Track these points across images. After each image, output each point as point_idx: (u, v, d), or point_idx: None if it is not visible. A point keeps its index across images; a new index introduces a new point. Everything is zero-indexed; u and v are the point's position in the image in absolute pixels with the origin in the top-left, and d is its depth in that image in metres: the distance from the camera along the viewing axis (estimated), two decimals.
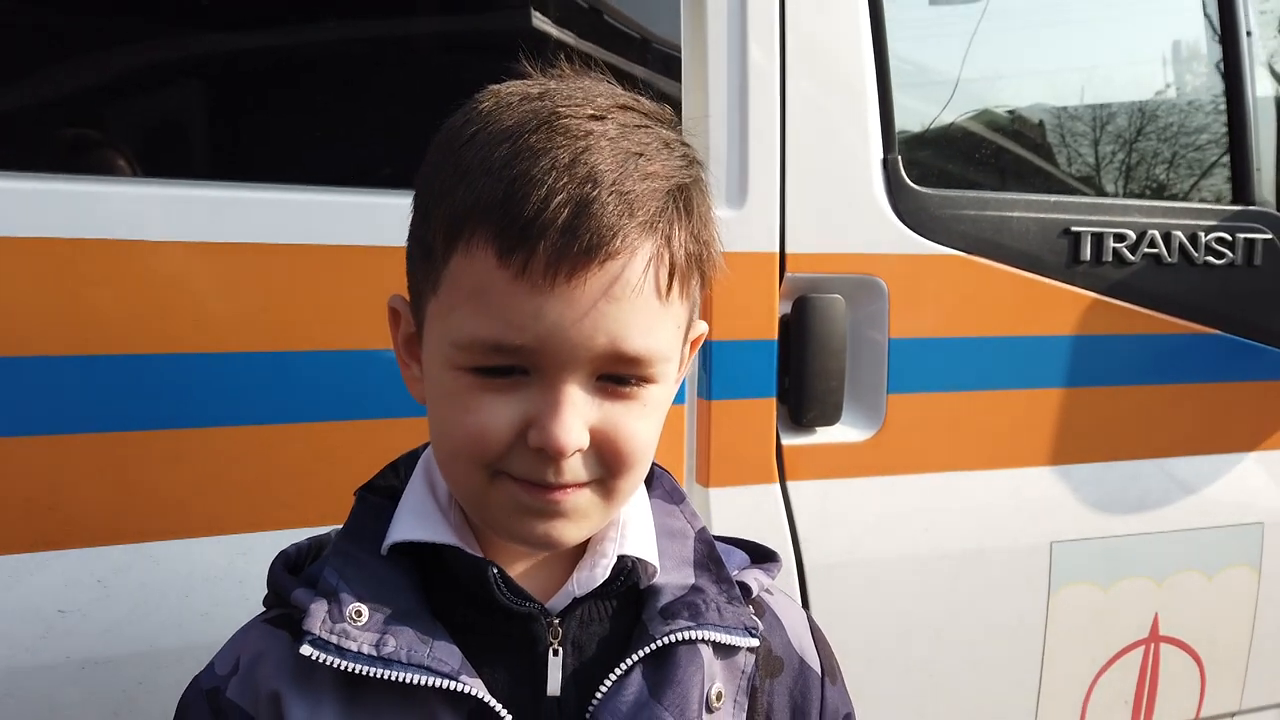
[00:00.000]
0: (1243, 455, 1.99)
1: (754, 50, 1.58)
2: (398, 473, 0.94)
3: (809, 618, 1.02)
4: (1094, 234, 1.81)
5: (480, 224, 0.75)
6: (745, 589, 0.93)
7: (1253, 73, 2.01)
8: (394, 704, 0.81)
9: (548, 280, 0.74)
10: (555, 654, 0.85)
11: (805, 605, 1.61)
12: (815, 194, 1.62)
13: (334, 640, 0.80)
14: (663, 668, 0.86)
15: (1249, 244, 1.93)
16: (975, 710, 1.78)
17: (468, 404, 0.78)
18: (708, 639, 0.87)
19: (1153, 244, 1.85)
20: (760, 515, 1.60)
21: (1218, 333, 1.92)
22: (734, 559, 0.97)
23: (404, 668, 0.79)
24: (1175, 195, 2.16)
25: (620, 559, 0.87)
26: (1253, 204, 1.98)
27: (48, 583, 1.22)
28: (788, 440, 1.64)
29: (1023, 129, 2.12)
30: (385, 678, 0.79)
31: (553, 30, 1.50)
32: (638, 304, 0.76)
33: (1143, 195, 2.16)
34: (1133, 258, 1.84)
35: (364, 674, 0.79)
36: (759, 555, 1.00)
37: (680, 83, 1.56)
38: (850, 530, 1.66)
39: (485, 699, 0.80)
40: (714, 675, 0.88)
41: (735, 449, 1.60)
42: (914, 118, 1.90)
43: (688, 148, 0.83)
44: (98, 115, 1.33)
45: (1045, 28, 2.13)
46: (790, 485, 1.63)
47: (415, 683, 0.79)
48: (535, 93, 0.80)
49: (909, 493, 1.71)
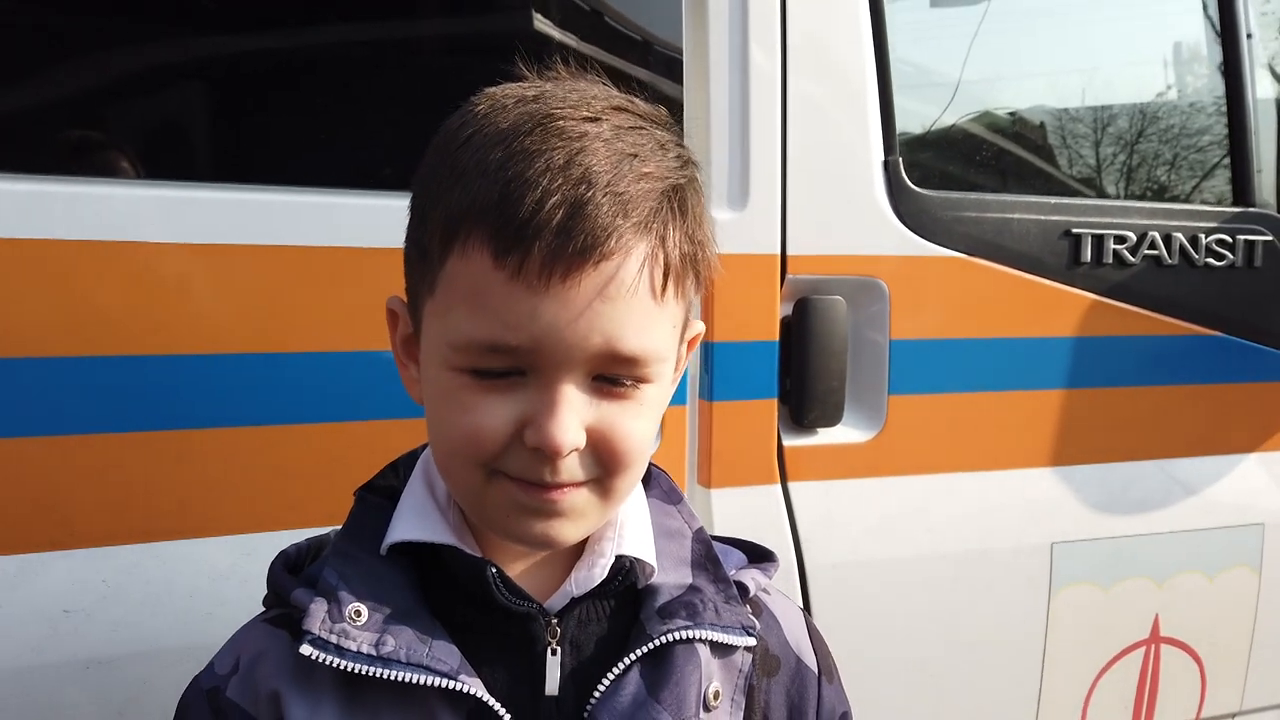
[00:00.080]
0: (1243, 456, 1.99)
1: (755, 52, 1.58)
2: (397, 473, 0.94)
3: (806, 617, 1.02)
4: (1094, 236, 1.81)
5: (476, 225, 0.75)
6: (742, 589, 0.93)
7: (1253, 75, 2.01)
8: (393, 703, 0.81)
9: (543, 281, 0.74)
10: (553, 653, 0.85)
11: (807, 606, 1.61)
12: (816, 196, 1.62)
13: (334, 640, 0.80)
14: (660, 667, 0.86)
15: (1249, 246, 1.93)
16: (976, 711, 1.78)
17: (465, 404, 0.79)
18: (705, 638, 0.87)
19: (1153, 246, 1.85)
20: (761, 516, 1.60)
21: (1218, 334, 1.92)
22: (731, 559, 0.97)
23: (403, 667, 0.80)
24: (1176, 197, 2.17)
25: (618, 559, 0.88)
26: (1253, 206, 1.98)
27: (53, 583, 1.23)
28: (789, 441, 1.65)
29: (1023, 131, 2.13)
30: (385, 677, 0.79)
31: (554, 32, 1.50)
32: (633, 304, 0.77)
33: (1143, 197, 2.16)
34: (1133, 259, 1.84)
35: (363, 673, 0.79)
36: (756, 555, 1.00)
37: (682, 85, 1.56)
38: (851, 531, 1.67)
39: (484, 698, 0.81)
40: (711, 674, 0.88)
41: (737, 450, 1.60)
42: (915, 120, 1.90)
43: (683, 149, 0.83)
44: (99, 117, 1.33)
45: (1046, 30, 2.14)
46: (791, 486, 1.64)
47: (414, 682, 0.79)
48: (531, 95, 0.80)
49: (910, 494, 1.71)
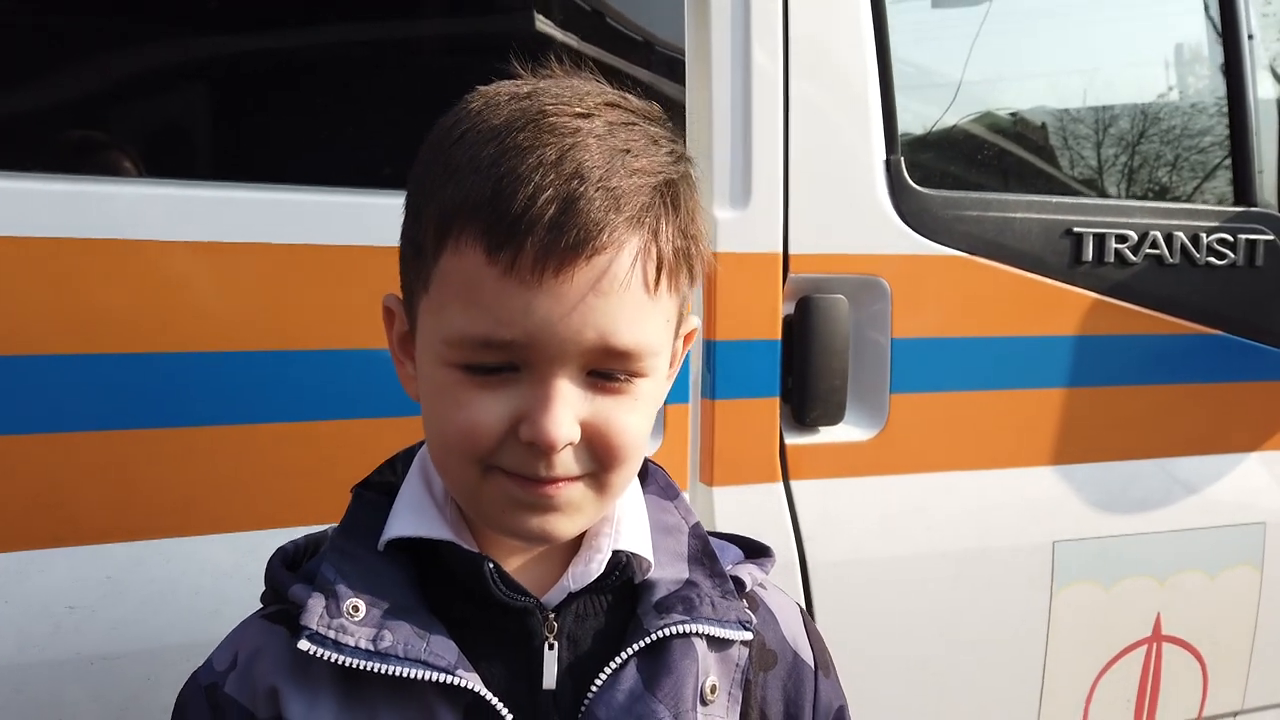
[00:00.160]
0: (1244, 455, 1.99)
1: (757, 52, 1.58)
2: (394, 469, 0.94)
3: (802, 611, 1.02)
4: (1096, 235, 1.81)
5: (469, 221, 0.76)
6: (739, 583, 0.93)
7: (1254, 75, 2.01)
8: (391, 698, 0.81)
9: (535, 276, 0.74)
10: (551, 648, 0.85)
11: (808, 604, 1.62)
12: (818, 195, 1.63)
13: (331, 635, 0.80)
14: (657, 661, 0.86)
15: (1250, 245, 1.93)
16: (977, 709, 1.78)
17: (459, 400, 0.79)
18: (702, 632, 0.87)
19: (1154, 245, 1.86)
20: (763, 514, 1.61)
21: (1219, 333, 1.93)
22: (728, 554, 0.98)
23: (401, 662, 0.80)
24: (1177, 197, 2.17)
25: (615, 554, 0.88)
26: (1254, 205, 1.98)
27: (57, 579, 1.23)
28: (791, 439, 1.65)
29: (1025, 131, 2.13)
30: (382, 672, 0.79)
31: (556, 33, 1.50)
32: (626, 298, 0.77)
33: (1144, 197, 2.16)
34: (1134, 259, 1.84)
35: (361, 668, 0.79)
36: (753, 550, 1.00)
37: (684, 85, 1.56)
38: (853, 529, 1.67)
39: (482, 693, 0.81)
40: (708, 668, 0.88)
41: (739, 448, 1.60)
42: (916, 119, 1.91)
43: (676, 144, 0.83)
44: (103, 116, 1.33)
45: (1047, 30, 2.14)
46: (793, 484, 1.64)
47: (412, 677, 0.79)
48: (524, 92, 0.81)
49: (911, 492, 1.71)
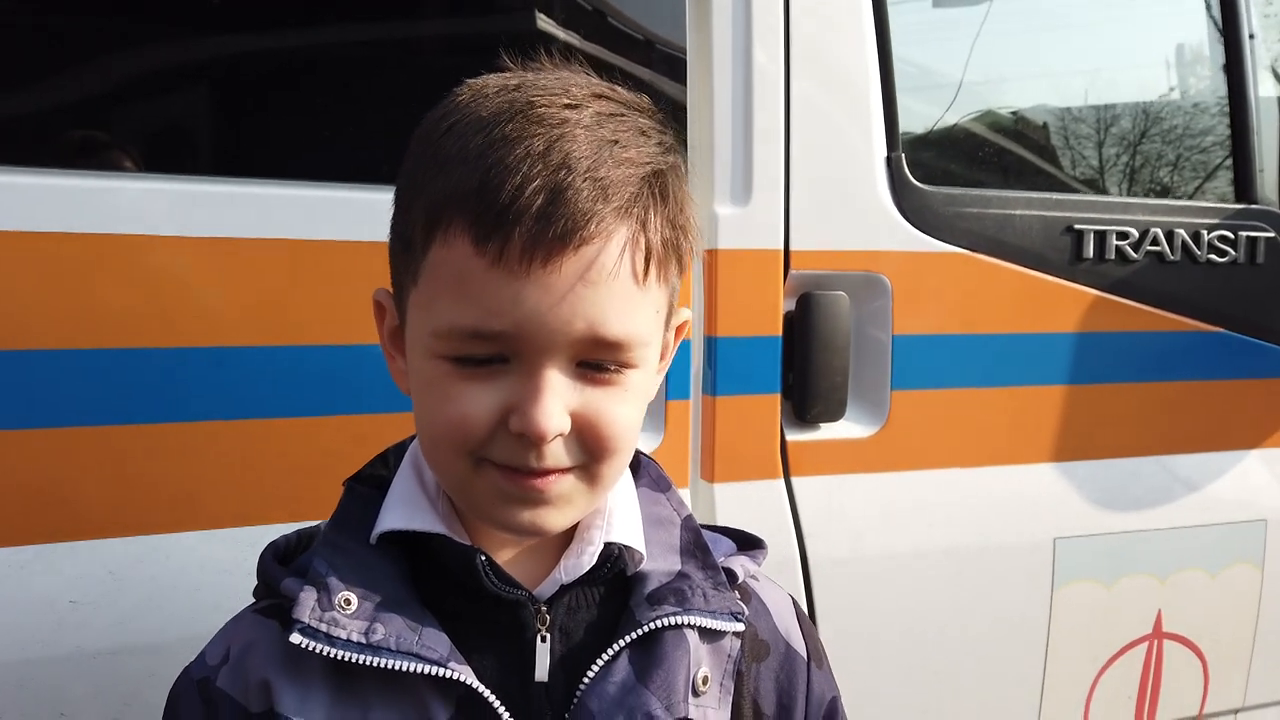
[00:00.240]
0: (1245, 453, 1.99)
1: (758, 50, 1.59)
2: (386, 463, 0.94)
3: (794, 603, 1.02)
4: (1096, 232, 1.81)
5: (456, 213, 0.76)
6: (731, 575, 0.93)
7: (1255, 73, 2.01)
8: (383, 691, 0.81)
9: (524, 266, 0.74)
10: (543, 640, 0.85)
11: (809, 600, 1.62)
12: (819, 192, 1.63)
13: (323, 628, 0.80)
14: (649, 652, 0.86)
15: (1251, 242, 1.93)
16: (978, 706, 1.78)
17: (449, 392, 0.79)
18: (694, 624, 0.87)
19: (1155, 242, 1.86)
20: (765, 510, 1.61)
21: (1220, 330, 1.93)
22: (721, 546, 0.98)
23: (393, 655, 0.80)
24: (1178, 194, 2.17)
25: (607, 546, 0.88)
26: (1255, 202, 1.98)
27: (60, 575, 1.23)
28: (792, 436, 1.65)
29: (1025, 129, 2.13)
30: (374, 665, 0.79)
31: (558, 32, 1.51)
32: (614, 288, 0.77)
33: (1145, 194, 2.16)
34: (1135, 256, 1.84)
35: (353, 662, 0.79)
36: (745, 542, 1.00)
37: (685, 83, 1.57)
38: (854, 526, 1.67)
39: (474, 685, 0.81)
40: (700, 660, 0.88)
41: (740, 445, 1.61)
42: (918, 117, 1.91)
43: (665, 135, 0.83)
44: (106, 111, 1.34)
45: (1048, 29, 2.14)
46: (794, 481, 1.64)
47: (404, 670, 0.79)
48: (512, 84, 0.81)
49: (912, 489, 1.71)
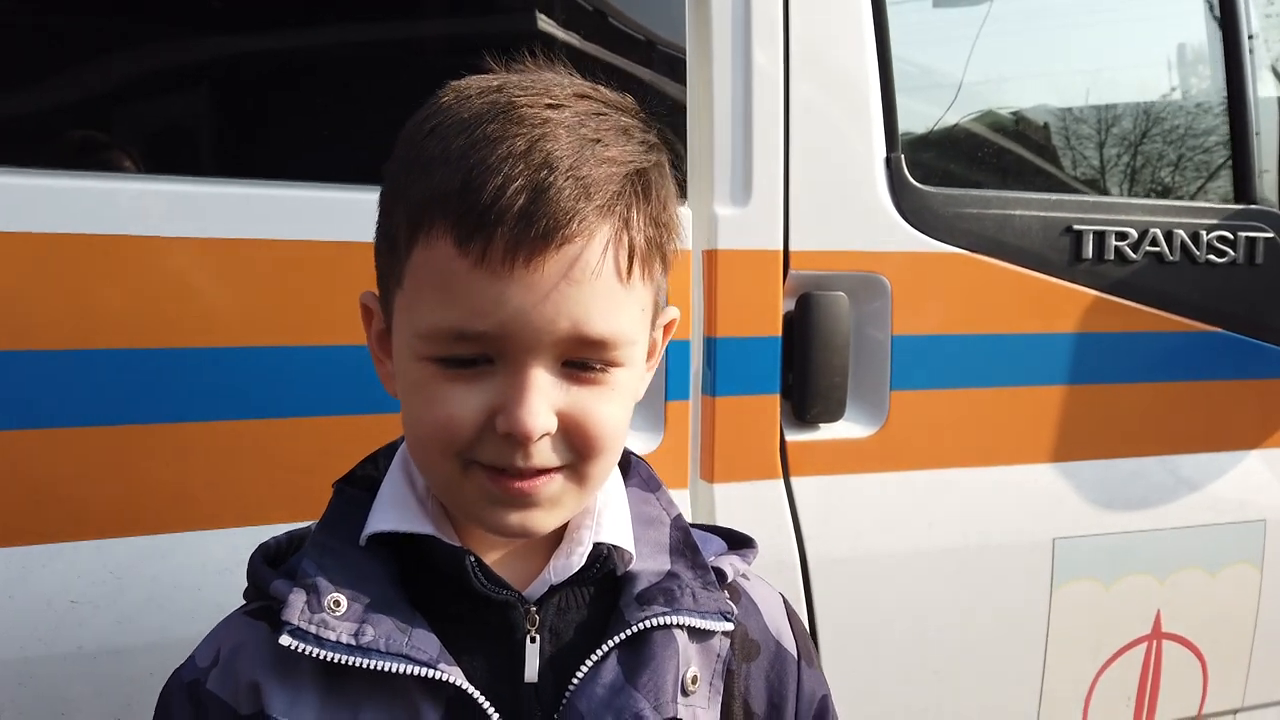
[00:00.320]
0: (1244, 453, 1.99)
1: (758, 51, 1.59)
2: (376, 464, 0.94)
3: (785, 602, 1.02)
4: (1096, 232, 1.81)
5: (439, 214, 0.76)
6: (720, 575, 0.93)
7: (1254, 73, 2.02)
8: (373, 693, 0.81)
9: (506, 266, 0.74)
10: (533, 641, 0.85)
11: (809, 600, 1.62)
12: (819, 192, 1.63)
13: (313, 630, 0.80)
14: (638, 653, 0.86)
15: (1250, 243, 1.93)
16: (977, 706, 1.78)
17: (435, 394, 0.79)
18: (683, 624, 0.87)
19: (1154, 242, 1.86)
20: (764, 510, 1.61)
21: (1220, 331, 1.93)
22: (711, 545, 0.98)
23: (382, 656, 0.80)
24: (1177, 195, 2.17)
25: (596, 546, 0.88)
26: (1254, 203, 1.98)
27: (61, 574, 1.24)
28: (791, 436, 1.65)
29: (1025, 129, 2.13)
30: (364, 667, 0.79)
31: (559, 33, 1.51)
32: (598, 286, 0.77)
33: (1145, 195, 2.17)
34: (1134, 256, 1.84)
35: (343, 663, 0.80)
36: (736, 541, 1.00)
37: (685, 84, 1.57)
38: (853, 526, 1.67)
39: (463, 686, 0.81)
40: (689, 659, 0.88)
41: (739, 445, 1.61)
42: (917, 118, 1.91)
43: (648, 134, 0.83)
44: (106, 112, 1.34)
45: (1047, 29, 2.15)
46: (794, 481, 1.64)
47: (394, 671, 0.80)
48: (494, 85, 0.81)
49: (912, 489, 1.72)
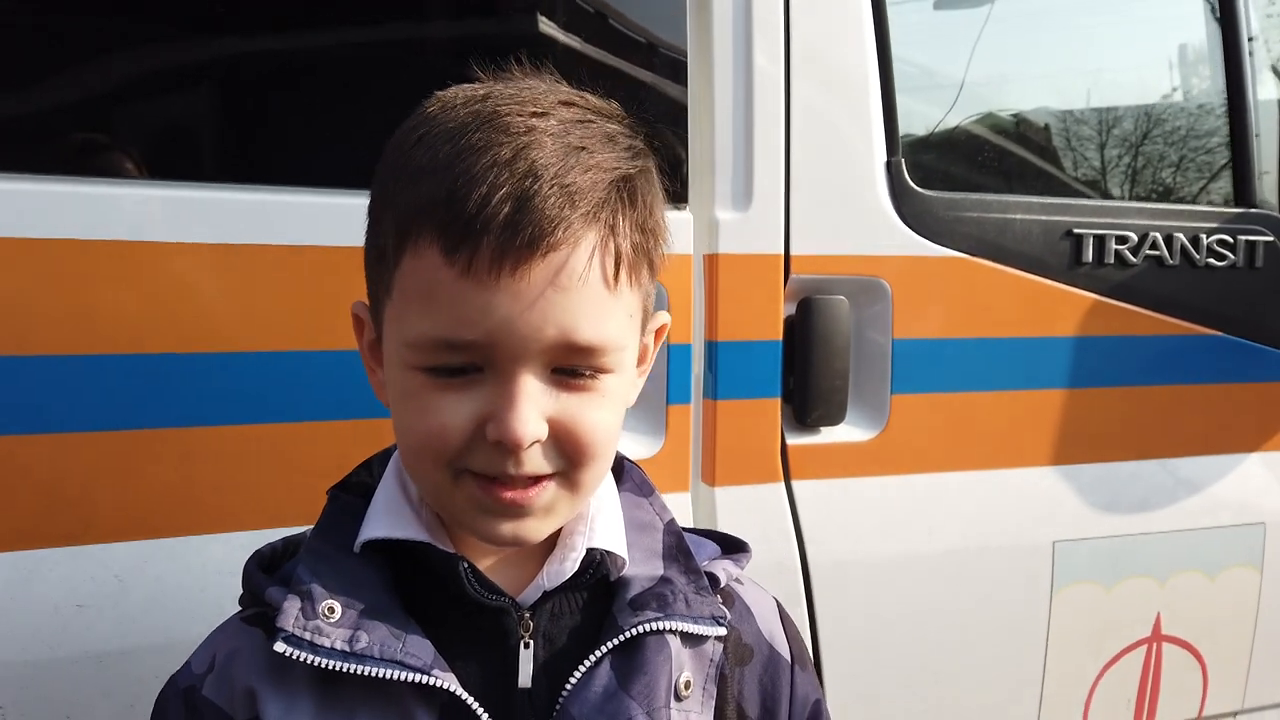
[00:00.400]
0: (1244, 456, 1.99)
1: (759, 54, 1.59)
2: (370, 470, 0.94)
3: (778, 605, 1.02)
4: (1096, 236, 1.82)
5: (425, 224, 0.76)
6: (713, 579, 0.93)
7: (1254, 76, 2.02)
8: (368, 699, 0.81)
9: (493, 275, 0.74)
10: (526, 646, 0.85)
11: (809, 603, 1.62)
12: (820, 197, 1.64)
13: (307, 637, 0.80)
14: (631, 658, 0.86)
15: (1250, 246, 1.94)
16: (978, 709, 1.79)
17: (425, 404, 0.79)
18: (675, 629, 0.87)
19: (1154, 246, 1.86)
20: (765, 514, 1.61)
21: (1219, 334, 1.93)
22: (705, 550, 0.98)
23: (377, 663, 0.80)
24: (1177, 198, 2.17)
25: (589, 552, 0.88)
26: (1254, 205, 1.99)
27: (66, 578, 1.24)
28: (792, 440, 1.66)
29: (1024, 132, 2.14)
30: (358, 673, 0.80)
31: (559, 35, 1.51)
32: (585, 293, 0.77)
33: (1144, 198, 2.17)
34: (1134, 260, 1.85)
35: (338, 670, 0.80)
36: (729, 546, 1.00)
37: (686, 87, 1.58)
38: (854, 529, 1.67)
39: (457, 692, 0.81)
40: (682, 664, 0.88)
41: (740, 448, 1.61)
42: (917, 121, 1.91)
43: (634, 140, 0.83)
44: (108, 118, 1.34)
45: (1046, 32, 2.15)
46: (795, 484, 1.65)
47: (388, 677, 0.80)
48: (480, 94, 0.81)
49: (912, 492, 1.72)
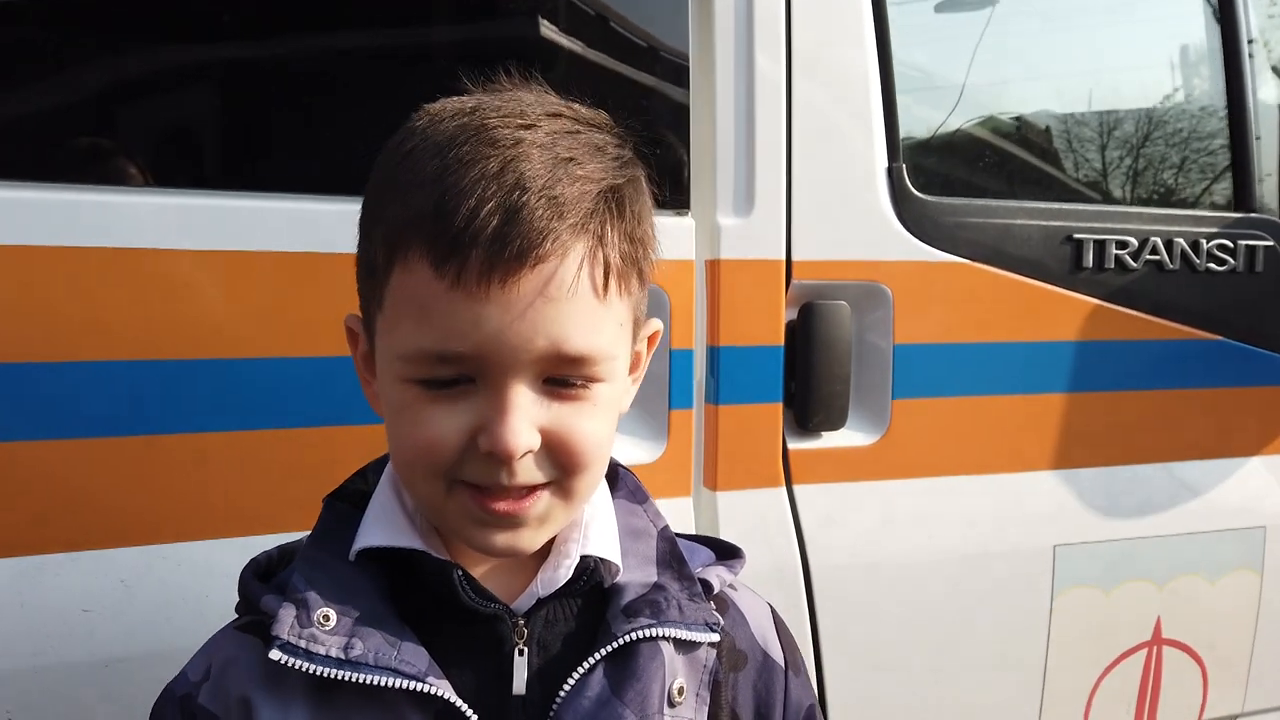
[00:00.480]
0: (1244, 460, 2.00)
1: (761, 59, 1.60)
2: (366, 478, 0.95)
3: (773, 611, 1.02)
4: (1096, 241, 1.82)
5: (414, 238, 0.76)
6: (707, 585, 0.94)
7: (1254, 80, 2.02)
8: (363, 706, 0.82)
9: (482, 288, 0.75)
10: (521, 654, 0.86)
11: (811, 607, 1.63)
12: (821, 202, 1.64)
13: (302, 644, 0.80)
14: (624, 665, 0.86)
15: (1250, 251, 1.94)
16: (978, 712, 1.79)
17: (418, 416, 0.79)
18: (668, 635, 0.88)
19: (1154, 251, 1.87)
20: (767, 518, 1.62)
21: (1220, 339, 1.94)
22: (699, 556, 0.98)
23: (372, 670, 0.80)
24: (1177, 202, 2.18)
25: (583, 559, 0.88)
26: (1254, 210, 1.99)
27: (72, 583, 1.25)
28: (794, 444, 1.66)
29: (1025, 137, 2.14)
30: (354, 680, 0.80)
31: (561, 39, 1.52)
32: (575, 304, 0.77)
33: (1144, 202, 2.17)
34: (1135, 264, 1.85)
35: (333, 677, 0.80)
36: (723, 552, 1.00)
37: (688, 91, 1.58)
38: (855, 533, 1.68)
39: (452, 700, 0.81)
40: (675, 671, 0.88)
41: (742, 453, 1.62)
42: (918, 125, 1.92)
43: (622, 150, 0.84)
44: (112, 125, 1.35)
45: (1046, 36, 2.15)
46: (796, 489, 1.65)
47: (383, 685, 0.80)
48: (468, 107, 0.81)
49: (913, 496, 1.72)
